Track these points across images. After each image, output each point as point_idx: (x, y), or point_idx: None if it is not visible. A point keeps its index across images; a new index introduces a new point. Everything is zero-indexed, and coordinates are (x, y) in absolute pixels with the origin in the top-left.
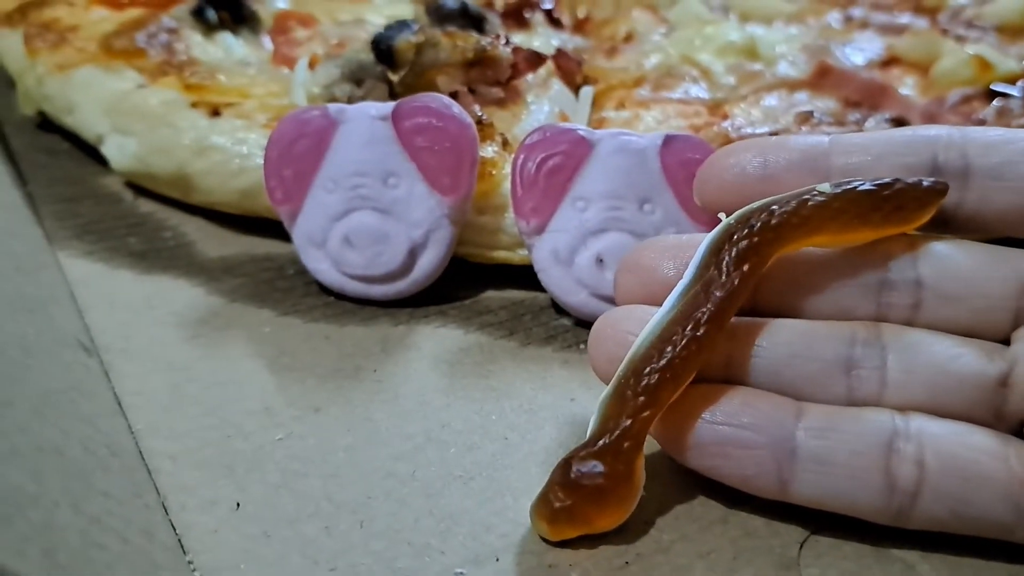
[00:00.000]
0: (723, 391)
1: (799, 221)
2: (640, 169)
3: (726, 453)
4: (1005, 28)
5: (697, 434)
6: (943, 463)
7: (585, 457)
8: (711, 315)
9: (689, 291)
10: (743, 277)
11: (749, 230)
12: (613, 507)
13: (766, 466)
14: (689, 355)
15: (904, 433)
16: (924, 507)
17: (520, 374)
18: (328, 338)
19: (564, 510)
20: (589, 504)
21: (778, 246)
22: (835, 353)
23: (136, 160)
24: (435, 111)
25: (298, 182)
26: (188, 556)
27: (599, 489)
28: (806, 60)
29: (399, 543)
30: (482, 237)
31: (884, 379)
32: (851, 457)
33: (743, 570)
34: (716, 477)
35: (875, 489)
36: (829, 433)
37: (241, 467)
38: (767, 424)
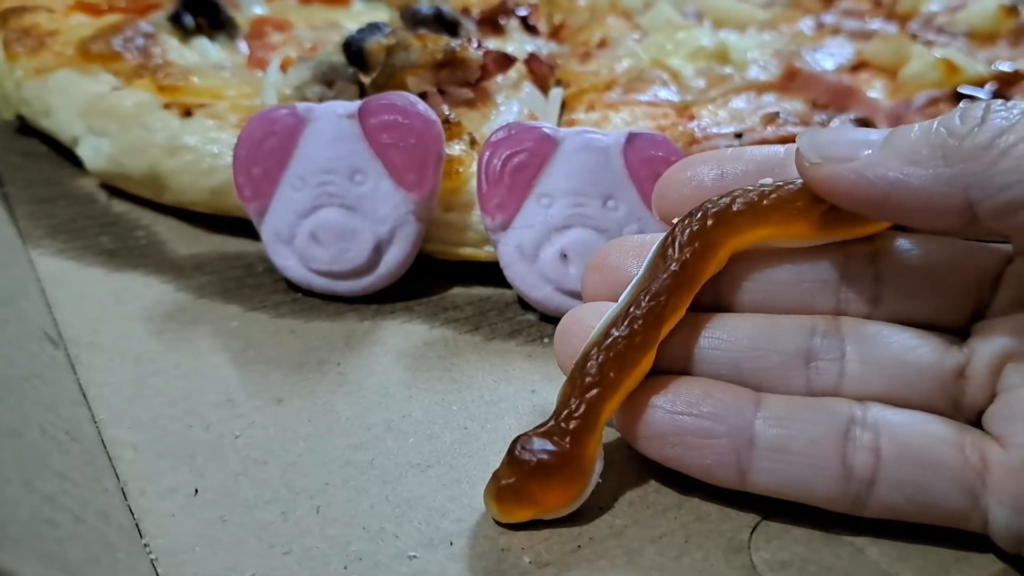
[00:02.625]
0: (683, 382)
1: (742, 207)
2: (604, 166)
3: (686, 442)
4: (975, 34)
5: (657, 424)
6: (899, 451)
7: (531, 436)
8: (655, 296)
9: (639, 280)
10: (687, 261)
11: (691, 218)
12: (559, 486)
13: (725, 455)
14: (633, 335)
15: (861, 421)
16: (880, 495)
17: (483, 367)
18: (294, 332)
19: (509, 488)
20: (534, 482)
21: (723, 231)
22: (795, 345)
23: (110, 160)
24: (400, 108)
25: (266, 180)
26: (144, 539)
27: (543, 467)
28: (777, 64)
29: (354, 528)
30: (449, 234)
31: (843, 370)
32: (808, 445)
33: (693, 553)
34: (676, 467)
35: (832, 477)
36: (787, 422)
37: (201, 456)
38: (727, 414)
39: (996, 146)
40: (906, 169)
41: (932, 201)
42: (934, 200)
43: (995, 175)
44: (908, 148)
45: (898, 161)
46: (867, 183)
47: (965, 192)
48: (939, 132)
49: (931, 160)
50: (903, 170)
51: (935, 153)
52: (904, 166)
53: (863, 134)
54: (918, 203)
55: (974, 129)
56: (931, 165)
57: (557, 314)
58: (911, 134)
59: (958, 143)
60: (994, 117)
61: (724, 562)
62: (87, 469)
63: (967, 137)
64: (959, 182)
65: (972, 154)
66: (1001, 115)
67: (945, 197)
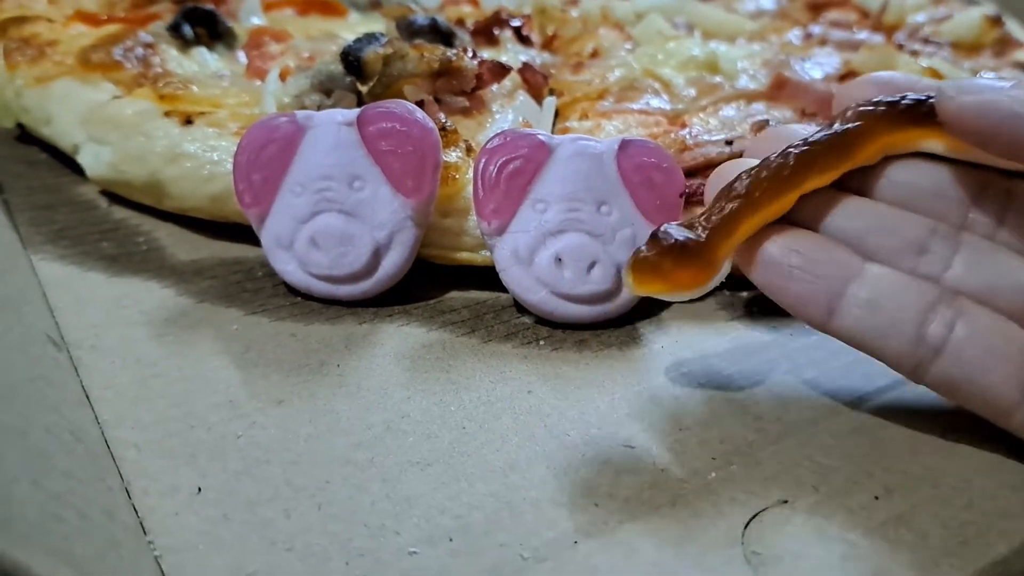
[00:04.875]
0: (804, 231)
1: (908, 106)
2: (597, 172)
3: (789, 274)
4: (960, 44)
5: (771, 254)
6: (971, 333)
7: (673, 225)
8: (812, 144)
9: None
10: (848, 131)
11: (863, 105)
12: (690, 269)
13: (819, 295)
14: (784, 167)
15: (948, 301)
16: (942, 366)
17: (480, 368)
18: (294, 336)
19: (647, 260)
20: (669, 260)
21: (887, 124)
22: (916, 235)
23: (111, 168)
24: (399, 116)
25: (266, 186)
26: (148, 536)
27: (679, 247)
28: (766, 74)
29: (355, 525)
30: (446, 239)
31: (949, 265)
32: (895, 305)
33: (689, 549)
34: (773, 295)
35: (906, 337)
36: (883, 281)
37: (204, 455)
38: (833, 262)
39: None
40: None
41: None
42: None
43: None
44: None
45: (1021, 95)
46: (990, 111)
47: None
48: None
49: None
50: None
51: None
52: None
53: (1001, 82)
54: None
55: None
56: None
57: (552, 317)
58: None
59: None
60: None
61: (719, 557)
62: (91, 468)
63: None
64: None
65: None
66: None
67: None
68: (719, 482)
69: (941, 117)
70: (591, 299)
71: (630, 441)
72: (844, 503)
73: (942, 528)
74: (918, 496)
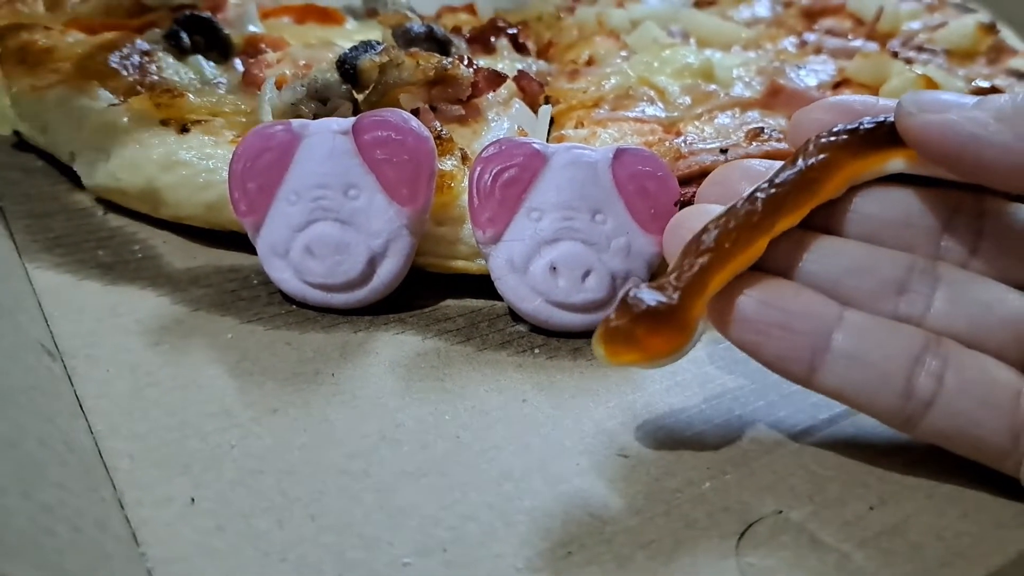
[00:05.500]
0: (778, 280)
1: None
2: (592, 181)
3: (767, 332)
4: (954, 52)
5: (746, 310)
6: (962, 384)
7: (643, 286)
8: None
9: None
10: (814, 165)
11: (825, 134)
12: (663, 335)
13: (801, 351)
14: (752, 214)
15: (934, 350)
16: (933, 419)
17: (474, 377)
18: (289, 344)
19: (618, 330)
20: (641, 327)
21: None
22: (893, 274)
23: (107, 176)
24: (394, 125)
25: (262, 194)
26: (141, 548)
27: (651, 313)
28: (761, 82)
29: (349, 536)
30: (441, 248)
31: (930, 305)
32: (881, 358)
33: (682, 559)
34: (752, 354)
35: (894, 392)
36: (866, 333)
37: (198, 465)
38: (811, 314)
39: None
40: (988, 126)
41: (1006, 157)
42: (1008, 157)
43: None
44: (995, 109)
45: (984, 116)
46: (952, 134)
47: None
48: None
49: (1012, 121)
50: (986, 126)
51: (1018, 115)
52: (987, 122)
53: (959, 97)
54: (992, 158)
55: None
56: (1012, 125)
57: (547, 325)
58: (1001, 99)
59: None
60: None
61: (712, 568)
62: (84, 479)
63: None
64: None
65: None
66: None
67: (1018, 155)
68: (713, 491)
69: (902, 134)
70: (586, 307)
71: (625, 450)
72: (839, 513)
73: (937, 539)
74: (913, 506)
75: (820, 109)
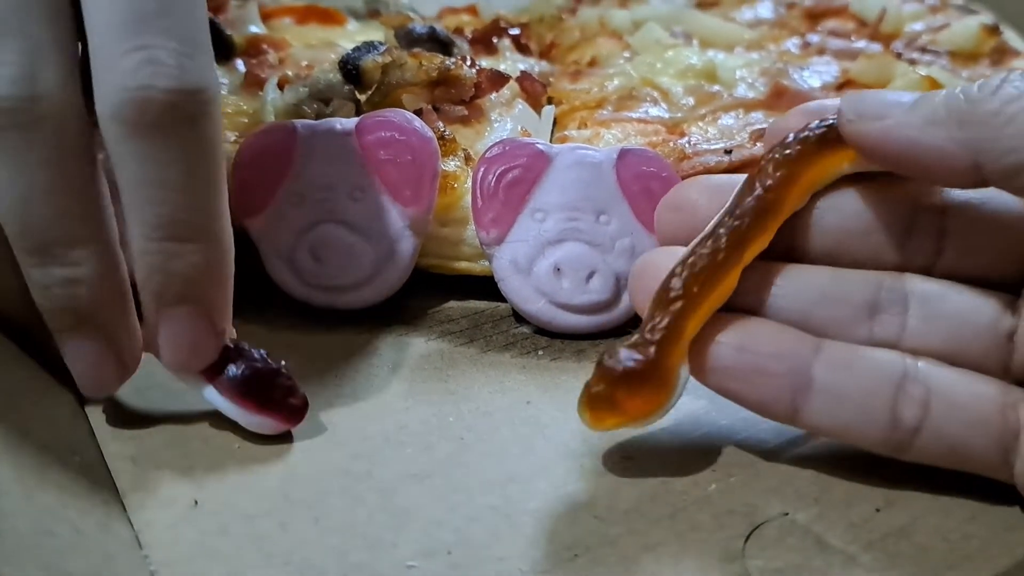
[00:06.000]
0: (750, 321)
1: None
2: (596, 182)
3: (746, 378)
4: (958, 53)
5: (722, 359)
6: (946, 407)
7: (618, 347)
8: (740, 217)
9: (725, 209)
10: (771, 187)
11: (778, 149)
12: (644, 394)
13: (782, 393)
14: (717, 252)
15: (913, 375)
16: (922, 443)
17: (478, 379)
18: (291, 345)
19: (598, 395)
20: (621, 390)
21: (807, 160)
22: (862, 298)
23: None
24: (397, 125)
25: (264, 196)
26: (144, 550)
27: (629, 374)
28: (764, 83)
29: (353, 538)
30: (445, 249)
31: (904, 325)
32: (861, 393)
33: (688, 562)
34: (734, 400)
35: (880, 424)
36: (844, 369)
37: (200, 467)
38: (787, 355)
39: (1004, 112)
40: (925, 129)
41: (944, 160)
42: (945, 160)
43: (1001, 139)
44: (930, 111)
45: (919, 121)
46: (890, 140)
47: (974, 155)
48: (957, 97)
49: (947, 123)
50: (922, 130)
51: (951, 117)
52: (923, 125)
53: (897, 96)
54: (931, 161)
55: (988, 96)
56: (946, 128)
57: (551, 327)
58: (936, 98)
59: (972, 108)
60: (1007, 86)
61: (719, 570)
62: (86, 481)
63: (980, 103)
64: (969, 145)
65: (982, 119)
66: (1015, 84)
67: (954, 158)
68: (719, 494)
69: (846, 140)
70: (590, 309)
71: (629, 453)
72: (845, 515)
73: (943, 541)
74: (919, 509)
75: (796, 116)
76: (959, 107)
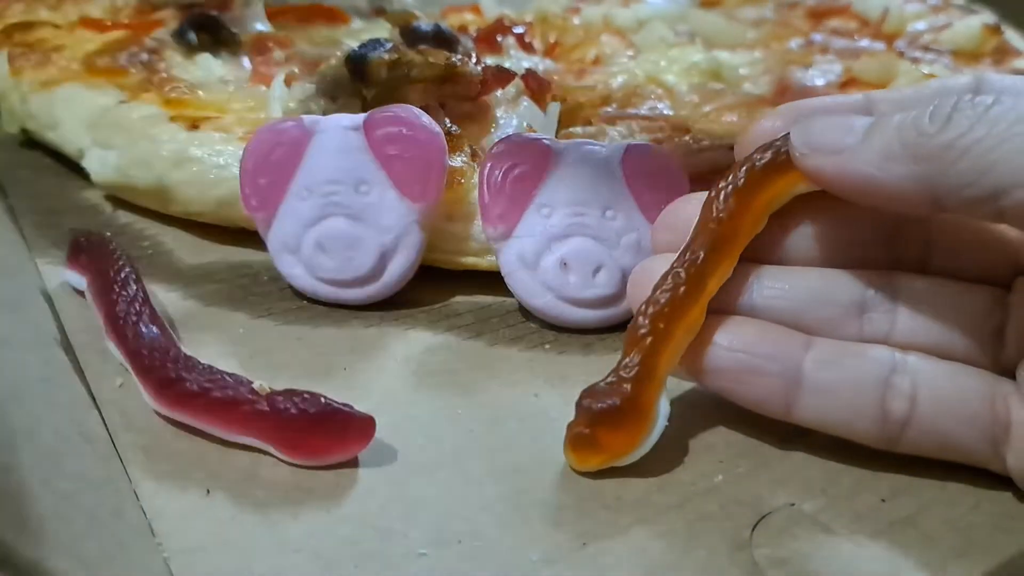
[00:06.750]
0: (741, 322)
1: (767, 162)
2: (603, 177)
3: (740, 378)
4: (960, 53)
5: (716, 360)
6: (934, 400)
7: (594, 388)
8: (695, 252)
9: (689, 239)
10: (723, 220)
11: (729, 178)
12: (624, 432)
13: (775, 391)
14: (677, 288)
15: (902, 369)
16: (912, 436)
17: (486, 372)
18: (301, 339)
19: (580, 436)
20: (601, 429)
21: (755, 188)
22: (851, 297)
23: (116, 172)
24: (405, 120)
25: (273, 190)
26: (157, 538)
27: (607, 414)
28: (768, 81)
29: (364, 527)
30: (451, 244)
31: (894, 322)
32: (851, 389)
33: (698, 551)
34: (730, 398)
35: (870, 418)
36: (833, 366)
37: (212, 457)
38: (778, 354)
39: (956, 146)
40: (880, 165)
41: (903, 195)
42: (904, 195)
43: (955, 174)
44: (884, 144)
45: (875, 156)
46: (847, 176)
47: (931, 190)
48: (910, 130)
49: (902, 157)
50: (878, 165)
51: (906, 151)
52: (879, 161)
53: (848, 123)
54: (890, 196)
55: (940, 128)
56: (902, 162)
57: (557, 321)
58: (889, 128)
59: (925, 142)
60: (957, 115)
61: (728, 558)
62: (99, 470)
63: (932, 137)
64: (925, 180)
65: (936, 153)
66: (966, 113)
67: (914, 193)
68: (726, 484)
69: (801, 171)
70: (596, 303)
71: None
72: (851, 505)
73: (951, 530)
74: (925, 498)
75: (771, 117)
76: (913, 141)
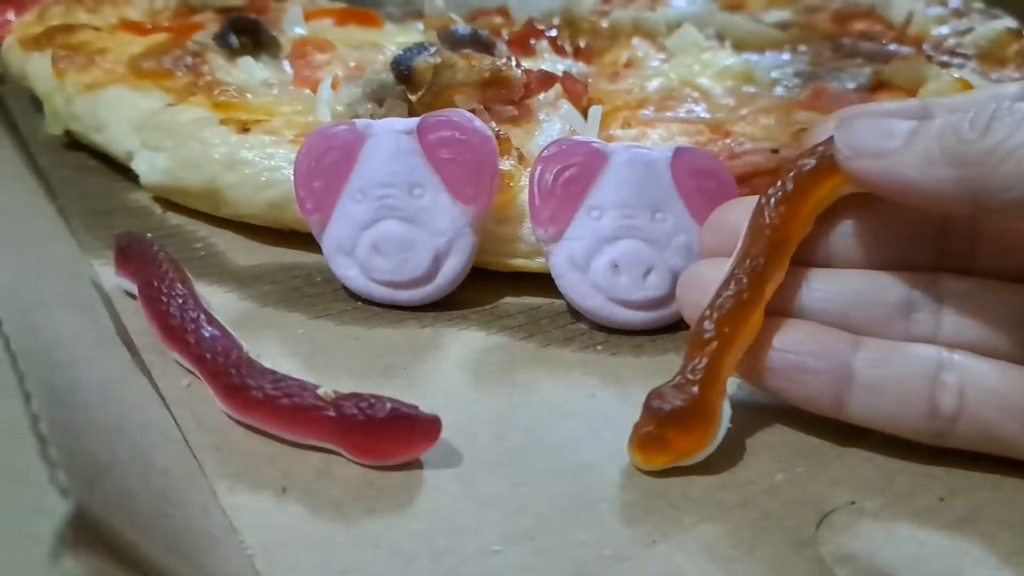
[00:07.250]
0: (792, 324)
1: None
2: (652, 180)
3: (792, 377)
4: (985, 56)
5: (769, 361)
6: (982, 395)
7: (662, 389)
8: (755, 258)
9: (742, 244)
10: (777, 225)
11: (778, 185)
12: (690, 432)
13: (825, 390)
14: (741, 293)
15: (949, 366)
16: (961, 431)
17: (542, 372)
18: (358, 339)
19: (648, 436)
20: (668, 429)
21: (802, 192)
22: (897, 297)
23: (167, 174)
24: (458, 125)
25: (327, 193)
26: (239, 536)
27: (674, 414)
28: (799, 84)
29: (437, 523)
30: (501, 246)
31: (939, 322)
32: (900, 386)
33: (764, 548)
34: (783, 398)
35: (919, 414)
36: (882, 364)
37: (284, 456)
38: (828, 353)
39: (997, 151)
40: (922, 168)
41: (943, 199)
42: (945, 198)
43: (996, 179)
44: (925, 149)
45: (916, 160)
46: (890, 180)
47: (971, 193)
48: (951, 136)
49: (943, 162)
50: (919, 169)
51: (946, 156)
52: (920, 166)
53: (890, 127)
54: (932, 200)
55: (980, 134)
56: (942, 167)
57: (608, 323)
58: (931, 133)
59: (965, 147)
60: (996, 123)
61: (794, 555)
62: (183, 467)
63: (973, 142)
64: (966, 184)
65: (977, 158)
66: (1005, 120)
67: (955, 196)
68: (786, 484)
69: (845, 174)
70: (647, 305)
71: None
72: (910, 505)
73: (1007, 529)
74: (981, 498)
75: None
76: (953, 147)
